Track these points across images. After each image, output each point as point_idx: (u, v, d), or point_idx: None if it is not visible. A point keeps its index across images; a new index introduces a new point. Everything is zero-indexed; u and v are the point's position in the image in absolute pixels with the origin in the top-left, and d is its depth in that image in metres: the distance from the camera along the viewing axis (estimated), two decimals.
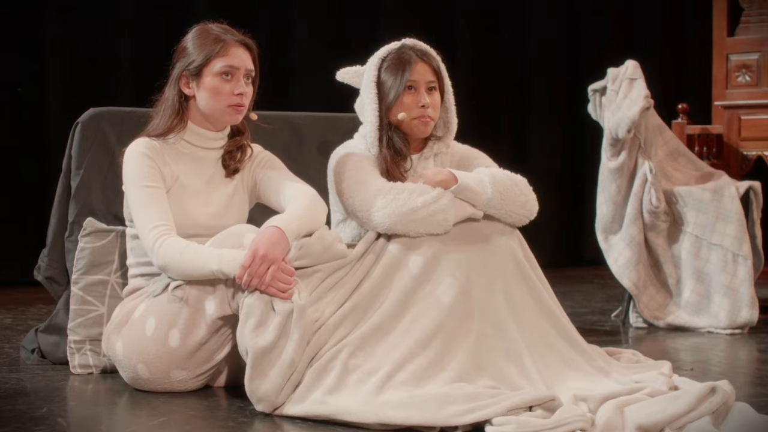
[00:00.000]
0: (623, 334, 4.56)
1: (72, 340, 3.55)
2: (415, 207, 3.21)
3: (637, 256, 4.68)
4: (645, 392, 2.97)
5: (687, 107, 5.33)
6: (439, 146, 3.56)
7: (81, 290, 3.58)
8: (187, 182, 3.36)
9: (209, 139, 3.42)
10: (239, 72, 3.33)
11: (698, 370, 3.67)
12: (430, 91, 3.47)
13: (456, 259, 3.20)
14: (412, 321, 3.13)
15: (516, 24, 7.42)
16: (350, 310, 3.16)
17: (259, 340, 3.00)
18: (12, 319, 4.71)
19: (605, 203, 4.77)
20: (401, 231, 3.23)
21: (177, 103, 3.35)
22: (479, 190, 3.27)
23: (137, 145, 3.33)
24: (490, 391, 2.94)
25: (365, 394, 2.95)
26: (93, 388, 3.35)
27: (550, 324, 3.26)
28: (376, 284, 3.20)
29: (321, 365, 3.04)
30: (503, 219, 3.32)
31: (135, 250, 3.41)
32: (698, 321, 4.60)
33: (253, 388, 3.00)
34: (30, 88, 5.94)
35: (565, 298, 5.63)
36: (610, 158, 4.74)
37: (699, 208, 4.66)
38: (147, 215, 3.24)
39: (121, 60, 6.14)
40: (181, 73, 3.34)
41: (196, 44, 3.34)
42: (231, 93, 3.32)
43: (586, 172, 7.03)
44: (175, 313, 3.17)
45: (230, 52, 3.32)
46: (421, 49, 3.50)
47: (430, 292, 3.16)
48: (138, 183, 3.27)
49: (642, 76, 4.71)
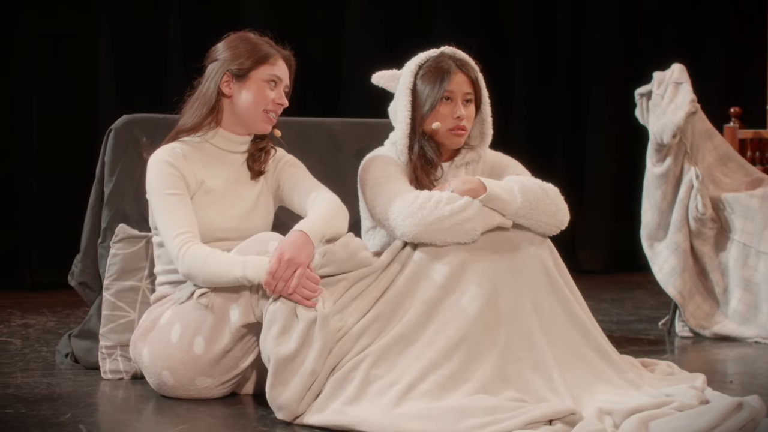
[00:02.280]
0: (668, 343, 4.48)
1: (103, 345, 3.57)
2: (441, 216, 3.17)
3: (682, 263, 4.59)
4: (673, 406, 2.91)
5: (740, 111, 5.23)
6: (472, 155, 3.52)
7: (112, 296, 3.59)
8: (213, 186, 3.37)
9: (235, 142, 3.43)
10: (281, 84, 3.40)
11: (740, 383, 3.60)
12: (466, 103, 3.44)
13: (483, 268, 3.16)
14: (437, 331, 3.09)
15: (574, 24, 7.33)
16: (374, 319, 3.14)
17: (281, 348, 2.99)
18: (55, 322, 4.75)
19: (650, 210, 4.69)
20: (428, 240, 3.19)
21: (213, 100, 3.37)
22: (509, 199, 3.22)
23: (160, 153, 3.35)
24: (510, 404, 2.91)
25: (385, 405, 2.92)
26: (121, 394, 3.36)
27: (580, 335, 3.21)
28: (401, 293, 3.17)
29: (342, 375, 3.02)
30: (533, 228, 3.27)
31: (161, 258, 3.42)
32: (746, 331, 4.50)
33: (273, 396, 2.99)
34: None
35: (615, 305, 5.58)
36: (655, 164, 4.65)
37: (747, 215, 4.55)
38: (171, 223, 3.25)
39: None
40: (224, 72, 3.36)
41: (246, 48, 3.37)
42: (272, 101, 3.37)
43: (642, 176, 6.92)
44: (200, 320, 3.17)
45: (278, 64, 3.39)
46: (460, 58, 3.46)
47: (456, 302, 3.12)
48: (161, 191, 3.29)
49: (688, 80, 4.61)
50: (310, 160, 3.62)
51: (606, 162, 7.38)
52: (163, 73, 6.15)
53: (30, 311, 5.08)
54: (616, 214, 7.16)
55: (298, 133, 3.89)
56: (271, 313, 3.04)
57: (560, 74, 7.35)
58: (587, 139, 7.42)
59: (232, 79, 3.37)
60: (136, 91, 5.97)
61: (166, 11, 6.21)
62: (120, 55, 6.07)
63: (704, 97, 5.47)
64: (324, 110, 6.01)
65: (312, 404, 2.99)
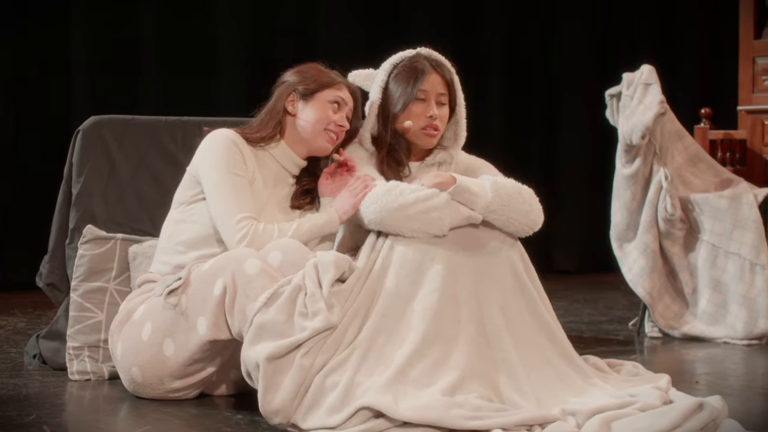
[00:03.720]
0: (637, 344, 4.50)
1: (71, 346, 3.57)
2: (405, 203, 3.16)
3: (651, 264, 4.61)
4: (636, 406, 2.92)
5: (710, 112, 5.24)
6: (443, 156, 3.52)
7: (80, 297, 3.59)
8: (260, 189, 3.37)
9: (292, 161, 3.46)
10: (345, 107, 3.46)
11: (707, 383, 3.62)
12: (440, 105, 3.44)
13: (451, 265, 3.14)
14: (418, 322, 3.08)
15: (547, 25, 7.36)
16: (355, 313, 3.11)
17: (266, 347, 2.96)
18: (26, 323, 4.75)
19: (620, 210, 4.71)
20: (393, 228, 3.17)
21: (277, 115, 3.43)
22: (479, 192, 3.21)
23: (226, 132, 3.37)
24: (496, 405, 2.93)
25: (377, 389, 2.92)
26: (88, 395, 3.36)
27: (546, 339, 3.21)
28: (372, 286, 3.16)
29: (328, 374, 2.97)
30: (504, 227, 3.26)
31: (174, 236, 3.36)
32: (714, 331, 4.52)
33: (267, 401, 2.92)
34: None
35: (587, 306, 5.60)
36: (624, 165, 4.67)
37: (716, 215, 4.57)
38: (235, 203, 3.26)
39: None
40: (290, 91, 3.43)
41: (314, 73, 3.47)
42: (334, 121, 3.42)
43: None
44: (172, 322, 3.17)
45: (343, 90, 3.47)
46: (435, 59, 3.47)
47: (425, 296, 3.10)
48: (227, 169, 3.29)
49: (657, 81, 4.63)
50: None
51: (581, 162, 7.41)
52: (138, 73, 6.16)
53: (1, 312, 5.07)
54: (591, 215, 7.18)
55: None
56: (258, 327, 2.99)
57: (536, 76, 7.38)
58: (561, 139, 7.45)
59: (297, 98, 3.43)
60: (109, 92, 5.97)
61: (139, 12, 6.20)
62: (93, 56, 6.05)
63: (677, 98, 5.51)
64: None
65: (300, 406, 2.94)
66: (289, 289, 3.03)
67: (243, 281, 3.07)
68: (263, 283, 3.05)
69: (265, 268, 3.09)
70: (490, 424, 2.80)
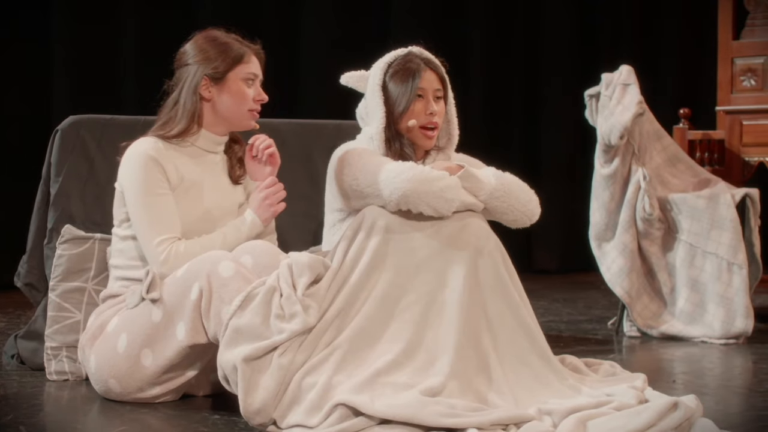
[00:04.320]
0: (616, 343, 4.51)
1: (49, 346, 3.56)
2: (432, 177, 3.19)
3: (630, 264, 4.63)
4: (611, 406, 2.93)
5: (689, 112, 5.27)
6: (440, 157, 3.55)
7: (58, 297, 3.58)
8: (194, 182, 3.36)
9: (216, 143, 3.44)
10: (258, 79, 3.41)
11: (685, 382, 3.63)
12: (437, 100, 3.47)
13: (437, 267, 3.17)
14: (398, 329, 3.10)
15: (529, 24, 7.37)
16: (336, 313, 3.12)
17: (243, 350, 2.97)
18: (6, 323, 4.73)
19: (598, 210, 4.73)
20: (412, 203, 3.18)
21: (193, 105, 3.36)
22: (484, 180, 3.30)
23: (142, 145, 3.31)
24: (472, 404, 2.94)
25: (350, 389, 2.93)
26: (66, 395, 3.35)
27: (526, 340, 3.23)
28: (356, 286, 3.16)
29: (298, 383, 2.99)
30: (505, 215, 3.34)
31: (125, 252, 3.37)
32: (692, 330, 4.54)
33: (249, 402, 2.92)
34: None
35: (566, 305, 5.62)
36: (603, 165, 4.69)
37: (693, 215, 4.60)
38: (153, 229, 3.25)
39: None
40: (201, 77, 3.35)
41: (217, 50, 3.36)
42: (253, 98, 3.38)
43: None
44: (148, 332, 3.16)
45: (252, 60, 3.40)
46: (427, 57, 3.50)
47: (413, 302, 3.13)
48: (143, 192, 3.26)
49: (636, 81, 4.65)
50: None
51: (562, 161, 7.42)
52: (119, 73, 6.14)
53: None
54: (572, 214, 7.19)
55: (245, 135, 3.86)
56: (234, 330, 2.99)
57: (517, 74, 7.39)
58: (543, 137, 7.47)
59: (210, 83, 3.36)
60: (89, 92, 5.95)
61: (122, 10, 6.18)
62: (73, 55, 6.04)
63: (656, 99, 5.53)
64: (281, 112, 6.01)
65: (279, 406, 2.95)
66: (263, 291, 3.03)
67: (218, 284, 3.06)
68: (238, 285, 3.05)
69: (239, 270, 3.09)
70: (466, 422, 2.81)
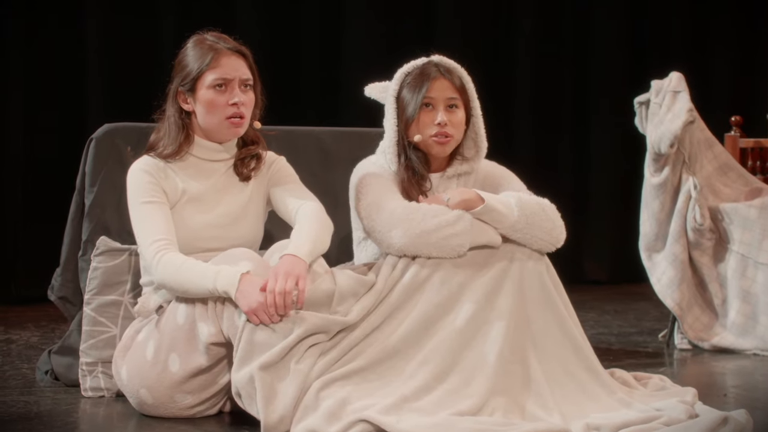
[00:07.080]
0: (667, 356, 4.40)
1: (84, 362, 3.49)
2: (427, 229, 3.12)
3: (680, 275, 4.51)
4: (661, 421, 2.90)
5: (741, 120, 5.14)
6: (465, 168, 3.46)
7: (93, 311, 3.52)
8: (195, 195, 3.29)
9: (216, 151, 3.34)
10: (233, 82, 3.24)
11: (736, 396, 3.54)
12: (451, 109, 3.36)
13: (481, 285, 3.12)
14: (432, 351, 3.05)
15: (578, 30, 7.27)
16: (368, 329, 3.08)
17: (259, 360, 2.92)
18: (39, 337, 4.67)
19: (648, 221, 4.62)
20: (415, 253, 3.14)
21: (179, 120, 3.29)
22: (505, 212, 3.18)
23: (138, 163, 3.29)
24: (501, 419, 2.88)
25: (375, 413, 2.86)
26: (102, 413, 3.29)
27: (572, 353, 3.17)
28: (393, 306, 3.11)
29: (315, 393, 2.93)
30: (528, 244, 3.22)
31: (148, 269, 3.34)
32: (744, 343, 4.42)
33: (269, 412, 2.88)
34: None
35: (617, 317, 5.50)
36: (653, 174, 4.58)
37: (745, 225, 4.48)
38: (146, 231, 3.19)
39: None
40: (177, 89, 3.28)
41: (189, 59, 3.28)
42: (226, 104, 3.23)
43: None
44: (173, 336, 3.11)
45: (221, 63, 3.23)
46: (444, 65, 3.40)
47: (451, 322, 3.09)
48: (137, 200, 3.22)
49: (686, 88, 4.54)
50: (300, 171, 3.53)
51: (613, 170, 7.30)
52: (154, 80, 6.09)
53: (14, 326, 4.96)
54: (623, 223, 7.06)
55: (286, 143, 3.81)
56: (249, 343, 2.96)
57: (567, 82, 7.28)
58: (593, 146, 7.34)
59: (186, 94, 3.28)
60: (124, 100, 5.89)
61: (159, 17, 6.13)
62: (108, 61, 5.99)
63: (707, 106, 5.40)
64: (321, 120, 5.95)
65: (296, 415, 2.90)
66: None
67: None
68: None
69: (258, 272, 3.05)
70: None
